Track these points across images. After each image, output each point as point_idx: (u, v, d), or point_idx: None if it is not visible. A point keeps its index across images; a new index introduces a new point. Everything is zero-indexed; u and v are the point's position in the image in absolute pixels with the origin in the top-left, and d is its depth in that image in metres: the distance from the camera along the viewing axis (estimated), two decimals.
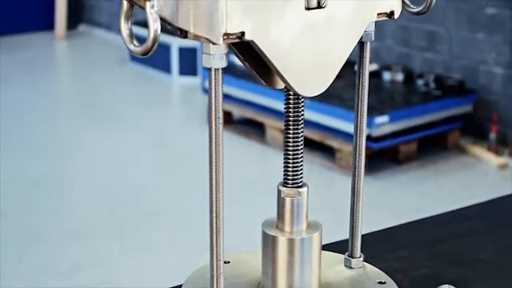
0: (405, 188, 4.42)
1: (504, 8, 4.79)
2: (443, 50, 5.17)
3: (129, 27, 0.83)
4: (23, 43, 7.98)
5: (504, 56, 4.83)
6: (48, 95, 6.38)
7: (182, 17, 0.85)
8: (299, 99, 1.00)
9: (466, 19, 5.00)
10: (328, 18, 0.93)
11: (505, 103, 4.86)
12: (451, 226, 1.29)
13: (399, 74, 5.11)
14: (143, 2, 0.81)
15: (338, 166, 4.58)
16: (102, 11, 8.30)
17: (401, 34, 5.40)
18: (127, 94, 6.45)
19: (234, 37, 0.86)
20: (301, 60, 0.92)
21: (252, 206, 4.01)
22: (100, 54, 7.66)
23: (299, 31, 0.91)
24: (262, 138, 5.04)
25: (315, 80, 0.94)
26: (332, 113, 4.56)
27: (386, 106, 4.64)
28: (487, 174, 4.58)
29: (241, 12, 0.86)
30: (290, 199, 0.99)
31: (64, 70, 7.76)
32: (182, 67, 6.56)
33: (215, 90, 0.88)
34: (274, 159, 4.73)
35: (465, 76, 5.01)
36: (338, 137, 4.57)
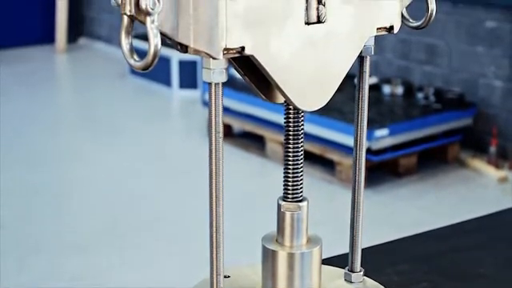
0: (405, 201, 4.41)
1: (504, 21, 4.80)
2: (443, 63, 5.18)
3: (129, 42, 0.83)
4: (24, 56, 8.00)
5: (504, 69, 4.83)
6: (48, 108, 6.38)
7: (182, 32, 0.85)
8: (299, 113, 1.00)
9: (466, 33, 5.01)
10: (328, 33, 0.93)
11: (505, 116, 4.86)
12: (451, 240, 1.29)
13: (399, 87, 5.12)
14: (143, 17, 0.81)
15: (338, 179, 4.58)
16: (103, 24, 8.32)
17: (400, 47, 5.40)
18: (127, 107, 6.45)
19: (234, 51, 0.87)
20: (301, 74, 0.92)
21: (252, 219, 4.01)
22: (100, 67, 7.67)
23: (299, 46, 0.91)
24: (262, 151, 5.04)
25: (315, 94, 0.95)
26: (332, 126, 4.57)
27: (386, 119, 4.64)
28: (487, 187, 4.58)
29: (241, 27, 0.86)
30: (290, 213, 1.00)
31: (64, 83, 7.77)
32: (182, 80, 6.57)
33: (215, 104, 0.88)
34: (274, 172, 4.73)
35: (465, 89, 5.02)
36: (338, 150, 4.57)
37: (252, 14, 0.87)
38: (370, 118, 4.02)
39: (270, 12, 0.88)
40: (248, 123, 5.19)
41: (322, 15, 0.92)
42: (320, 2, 0.92)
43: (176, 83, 6.60)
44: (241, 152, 5.12)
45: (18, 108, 6.25)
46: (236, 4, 0.85)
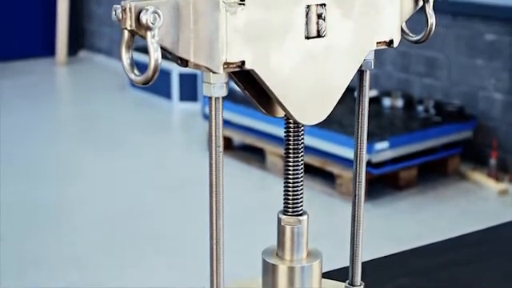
0: (405, 214, 4.41)
1: (503, 34, 4.81)
2: (443, 76, 5.19)
3: (130, 56, 0.84)
4: (24, 69, 8.01)
5: (503, 82, 4.84)
6: (49, 120, 6.39)
7: (182, 46, 0.86)
8: (299, 127, 1.00)
9: (466, 45, 5.02)
10: (328, 47, 0.94)
11: (505, 129, 4.87)
12: (451, 254, 1.29)
13: (399, 99, 5.12)
14: (144, 32, 0.81)
15: (338, 192, 4.58)
16: (103, 37, 8.33)
17: (400, 60, 5.41)
18: (128, 119, 6.46)
19: (235, 66, 0.87)
20: (301, 89, 0.92)
21: (252, 232, 4.00)
22: (101, 79, 7.68)
23: (299, 60, 0.92)
24: (262, 164, 5.04)
25: (315, 108, 0.95)
26: (332, 139, 4.57)
27: (386, 132, 4.64)
28: (487, 200, 4.58)
29: (241, 41, 0.86)
30: (290, 227, 1.00)
31: (65, 96, 7.78)
32: (183, 93, 6.57)
33: (215, 118, 0.88)
34: (274, 185, 4.73)
35: (464, 102, 5.02)
36: (339, 163, 4.57)
37: (252, 29, 0.87)
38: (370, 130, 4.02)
39: (270, 26, 0.89)
40: (248, 136, 5.19)
41: (322, 29, 0.93)
42: (320, 17, 0.93)
43: (176, 96, 6.61)
44: (241, 165, 5.12)
45: (18, 120, 6.25)
46: (236, 18, 0.86)
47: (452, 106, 4.96)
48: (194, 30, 0.85)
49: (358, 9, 0.96)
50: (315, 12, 0.92)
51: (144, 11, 0.81)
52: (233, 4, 0.85)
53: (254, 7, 0.87)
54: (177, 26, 0.85)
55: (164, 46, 0.84)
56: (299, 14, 0.91)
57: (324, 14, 0.92)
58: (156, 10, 0.81)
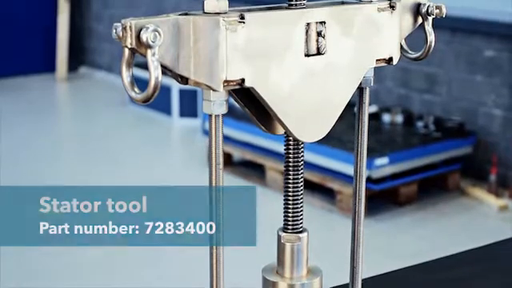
0: (405, 230, 4.40)
1: (502, 51, 4.82)
2: (442, 92, 5.19)
3: (130, 74, 0.84)
4: (24, 85, 8.02)
5: (503, 98, 4.85)
6: (48, 136, 6.39)
7: (182, 64, 0.86)
8: (299, 144, 1.00)
9: (465, 61, 5.03)
10: (327, 65, 0.94)
11: (504, 145, 4.87)
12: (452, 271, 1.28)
13: (399, 115, 5.13)
14: (144, 50, 0.82)
15: (338, 208, 4.57)
16: (103, 54, 8.35)
17: (400, 76, 5.42)
18: (128, 135, 6.46)
19: (234, 83, 0.87)
20: (300, 106, 0.93)
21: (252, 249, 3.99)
22: (101, 95, 7.69)
23: (299, 78, 0.92)
24: (262, 180, 5.04)
25: (315, 126, 0.95)
26: (332, 155, 4.57)
27: (386, 148, 4.64)
28: (488, 215, 4.58)
29: (241, 59, 0.87)
30: (290, 245, 1.00)
31: (64, 112, 7.79)
32: (183, 109, 6.58)
33: (215, 136, 0.88)
34: (274, 201, 4.71)
35: (464, 118, 5.03)
36: (338, 179, 4.57)
37: (252, 46, 0.87)
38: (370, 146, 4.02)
39: (270, 44, 0.89)
40: (248, 152, 5.19)
41: (321, 47, 0.93)
42: (320, 34, 0.93)
43: (176, 112, 6.61)
44: (241, 180, 5.12)
45: (18, 136, 6.26)
46: (236, 36, 0.86)
47: (452, 122, 4.96)
48: (194, 48, 0.85)
49: (357, 26, 0.96)
50: (315, 30, 0.92)
51: (144, 29, 0.81)
52: (233, 22, 0.85)
53: (254, 25, 0.87)
54: (177, 44, 0.85)
55: (164, 63, 0.84)
56: (299, 32, 0.91)
57: (324, 32, 0.93)
58: (156, 29, 0.81)
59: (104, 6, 8.24)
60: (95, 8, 8.37)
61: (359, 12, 0.96)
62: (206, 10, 0.86)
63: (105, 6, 8.22)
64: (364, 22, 0.97)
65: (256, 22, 0.87)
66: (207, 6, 0.86)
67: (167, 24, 0.83)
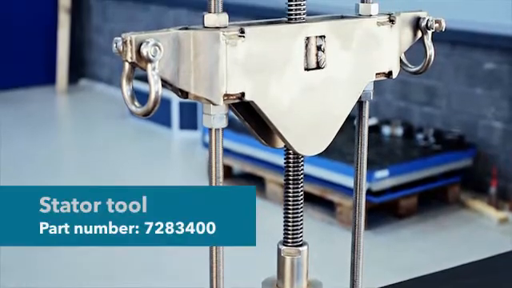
0: (405, 243, 4.40)
1: (502, 63, 4.82)
2: (442, 104, 5.20)
3: (130, 88, 0.84)
4: (24, 97, 8.02)
5: (503, 111, 4.85)
6: (48, 148, 6.39)
7: (182, 78, 0.86)
8: (299, 158, 1.01)
9: (465, 74, 5.04)
10: (327, 79, 0.94)
11: (504, 157, 4.87)
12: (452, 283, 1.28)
13: (399, 128, 5.13)
14: (144, 64, 0.82)
15: (338, 220, 4.57)
16: (104, 66, 8.36)
17: (400, 88, 5.43)
18: (127, 148, 6.46)
19: (234, 97, 0.88)
20: (300, 120, 0.93)
21: (252, 263, 3.99)
22: (101, 108, 7.70)
23: (298, 91, 0.92)
24: (262, 193, 5.03)
25: (314, 139, 0.95)
26: (332, 167, 4.57)
27: (386, 161, 4.64)
28: (488, 228, 4.57)
29: (241, 73, 0.87)
30: (290, 258, 1.00)
31: (64, 124, 7.79)
32: (183, 121, 6.58)
33: (215, 149, 0.89)
34: (274, 214, 4.71)
35: (464, 130, 5.03)
36: (338, 191, 4.57)
37: (252, 61, 0.88)
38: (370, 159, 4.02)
39: (269, 58, 0.89)
40: (248, 164, 5.19)
41: (321, 61, 0.93)
42: (319, 48, 0.93)
43: (176, 124, 6.62)
44: None
45: (18, 148, 6.26)
46: (236, 51, 0.86)
47: (452, 135, 4.96)
48: (195, 62, 0.86)
49: (357, 40, 0.96)
50: (315, 44, 0.93)
51: (144, 44, 0.81)
52: (233, 36, 0.86)
53: (254, 39, 0.87)
54: (177, 59, 0.85)
55: (164, 77, 0.85)
56: (299, 46, 0.91)
57: (323, 46, 0.93)
58: (156, 43, 0.82)
59: (104, 19, 8.26)
60: (95, 21, 8.39)
61: (359, 26, 0.97)
62: (206, 25, 0.86)
63: (105, 19, 8.24)
64: (363, 35, 0.97)
65: (256, 36, 0.87)
66: (207, 20, 0.86)
67: (167, 38, 0.84)
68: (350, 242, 1.08)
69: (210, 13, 0.86)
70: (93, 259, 3.79)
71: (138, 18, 7.75)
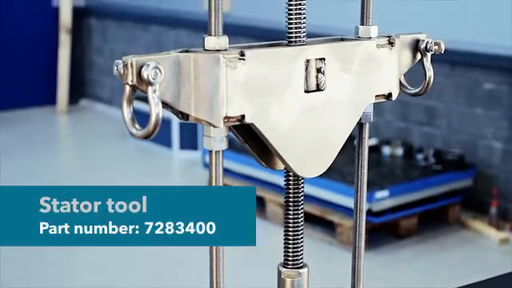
0: (405, 263, 4.39)
1: (502, 84, 4.83)
2: (442, 124, 5.20)
3: (131, 111, 0.84)
4: (25, 117, 8.03)
5: (503, 131, 4.85)
6: (48, 169, 6.39)
7: (183, 100, 0.87)
8: (299, 179, 1.01)
9: (465, 94, 5.04)
10: (327, 101, 0.95)
11: (505, 178, 4.87)
12: None
13: (399, 148, 5.13)
14: (145, 87, 0.82)
15: (338, 241, 4.56)
16: (104, 87, 8.38)
17: (400, 108, 5.44)
18: (128, 168, 6.46)
19: (235, 120, 0.88)
20: (300, 142, 0.93)
21: (252, 284, 3.98)
22: (101, 128, 7.70)
23: (298, 114, 0.92)
24: (262, 213, 5.03)
25: (314, 161, 0.95)
26: (332, 187, 4.57)
27: (386, 181, 4.64)
28: (488, 249, 4.56)
29: (241, 95, 0.87)
30: (291, 280, 1.00)
31: (65, 144, 7.80)
32: (183, 141, 6.59)
33: (215, 171, 0.89)
34: (274, 234, 4.70)
35: (464, 150, 5.03)
36: (339, 211, 4.57)
37: (252, 83, 0.88)
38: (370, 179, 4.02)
39: (270, 80, 0.90)
40: (248, 184, 5.19)
41: (321, 83, 0.94)
42: (319, 71, 0.94)
43: (176, 144, 6.62)
44: None
45: (18, 169, 6.26)
46: (236, 73, 0.86)
47: (452, 155, 4.96)
48: (195, 85, 0.86)
49: (356, 63, 0.97)
50: (314, 66, 0.93)
51: (145, 66, 0.82)
52: (233, 59, 0.86)
53: (254, 62, 0.88)
54: (177, 81, 0.86)
55: (165, 100, 0.85)
56: (299, 69, 0.92)
57: (323, 68, 0.93)
58: (157, 66, 0.82)
59: (105, 39, 8.28)
60: (96, 41, 8.42)
61: (358, 48, 0.97)
62: (206, 47, 0.87)
63: (105, 39, 8.27)
64: (363, 58, 0.97)
65: (256, 59, 0.88)
66: (208, 43, 0.86)
67: (168, 61, 0.84)
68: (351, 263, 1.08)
69: (210, 35, 0.86)
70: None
71: (138, 38, 7.77)
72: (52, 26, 8.26)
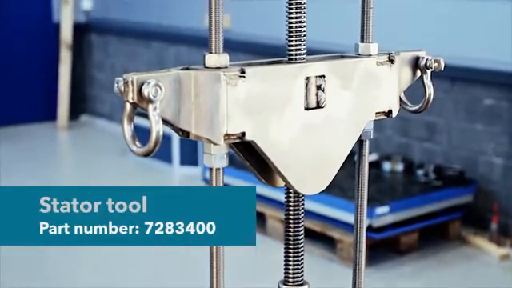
0: (406, 279, 4.38)
1: (502, 99, 4.84)
2: (442, 140, 5.21)
3: (131, 128, 0.85)
4: (25, 133, 8.04)
5: (503, 146, 4.86)
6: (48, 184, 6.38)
7: (183, 118, 0.87)
8: (299, 196, 1.01)
9: (465, 110, 5.05)
10: (327, 118, 0.95)
11: (505, 193, 4.86)
12: None
13: (399, 164, 5.13)
14: (146, 105, 0.83)
15: (338, 257, 4.55)
16: (104, 102, 8.39)
17: (400, 124, 5.44)
18: (128, 184, 6.44)
19: (235, 137, 0.88)
20: (300, 159, 0.93)
21: None
22: (101, 144, 7.70)
23: (299, 131, 0.92)
24: (263, 229, 5.02)
25: (314, 178, 0.95)
26: (333, 203, 4.56)
27: (387, 197, 4.64)
28: (489, 265, 4.55)
29: (241, 113, 0.87)
30: None
31: (65, 160, 7.79)
32: (183, 157, 6.59)
33: None
34: (274, 250, 4.70)
35: (464, 166, 5.03)
36: (339, 227, 4.56)
37: (252, 101, 0.88)
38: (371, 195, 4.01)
39: (270, 98, 0.90)
40: None
41: (321, 100, 0.94)
42: (319, 88, 0.94)
43: (177, 160, 6.62)
44: None
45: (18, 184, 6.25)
46: (237, 91, 0.87)
47: (452, 171, 4.96)
48: (195, 103, 0.86)
49: (356, 80, 0.97)
50: (314, 83, 0.93)
51: (146, 84, 0.82)
52: (233, 77, 0.86)
53: (255, 80, 0.88)
54: (178, 99, 0.86)
55: (165, 117, 0.85)
56: (299, 86, 0.92)
57: (323, 86, 0.94)
58: (158, 83, 0.82)
59: (105, 55, 8.30)
60: (97, 57, 8.43)
61: (358, 66, 0.97)
62: (206, 65, 0.87)
63: (106, 55, 8.28)
64: (363, 75, 0.98)
65: (256, 77, 0.88)
66: (208, 60, 0.87)
67: (168, 79, 0.84)
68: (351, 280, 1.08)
69: (210, 53, 0.87)
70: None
71: (139, 54, 7.79)
72: (53, 41, 8.28)
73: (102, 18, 8.26)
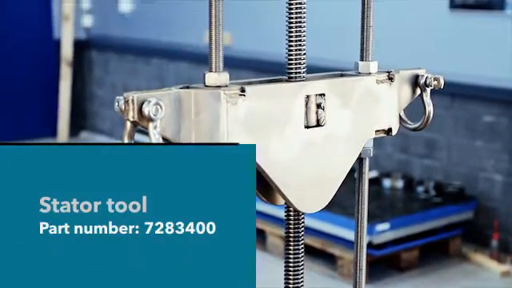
0: None
1: (501, 116, 4.84)
2: (442, 157, 5.21)
3: None
4: None
5: (503, 163, 4.85)
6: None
7: (183, 136, 0.87)
8: (299, 214, 1.01)
9: (465, 127, 5.05)
10: (327, 136, 0.95)
11: (505, 210, 4.86)
12: None
13: (399, 181, 5.13)
14: (146, 123, 0.83)
15: (339, 274, 4.55)
16: (105, 119, 8.39)
17: (400, 141, 5.44)
18: None
19: None
20: (300, 177, 0.93)
21: None
22: None
23: (299, 149, 0.93)
24: (263, 246, 5.02)
25: (315, 197, 0.96)
26: (333, 220, 4.56)
27: (387, 214, 4.63)
28: (490, 281, 4.54)
29: (241, 131, 0.88)
30: None
31: None
32: None
33: None
34: (275, 267, 4.69)
35: (465, 183, 5.03)
36: (340, 244, 4.55)
37: (252, 119, 0.88)
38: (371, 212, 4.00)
39: (270, 116, 0.90)
40: None
41: (321, 119, 0.94)
42: (319, 106, 0.94)
43: None
44: None
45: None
46: (237, 109, 0.87)
47: (452, 187, 4.96)
48: (195, 121, 0.87)
49: (356, 98, 0.97)
50: (314, 102, 0.93)
51: (146, 103, 0.82)
52: (233, 95, 0.87)
53: (255, 98, 0.88)
54: (178, 117, 0.86)
55: (165, 136, 0.85)
56: (299, 104, 0.92)
57: (323, 104, 0.94)
58: (158, 102, 0.83)
59: (106, 71, 8.31)
60: (97, 73, 8.45)
61: (358, 84, 0.98)
62: (206, 83, 0.87)
63: (106, 71, 8.30)
64: (363, 93, 0.98)
65: (256, 95, 0.88)
66: (208, 79, 0.87)
67: (169, 97, 0.85)
68: None
69: (210, 71, 0.87)
70: None
71: (139, 70, 7.80)
72: (53, 58, 8.29)
73: (103, 35, 8.28)
